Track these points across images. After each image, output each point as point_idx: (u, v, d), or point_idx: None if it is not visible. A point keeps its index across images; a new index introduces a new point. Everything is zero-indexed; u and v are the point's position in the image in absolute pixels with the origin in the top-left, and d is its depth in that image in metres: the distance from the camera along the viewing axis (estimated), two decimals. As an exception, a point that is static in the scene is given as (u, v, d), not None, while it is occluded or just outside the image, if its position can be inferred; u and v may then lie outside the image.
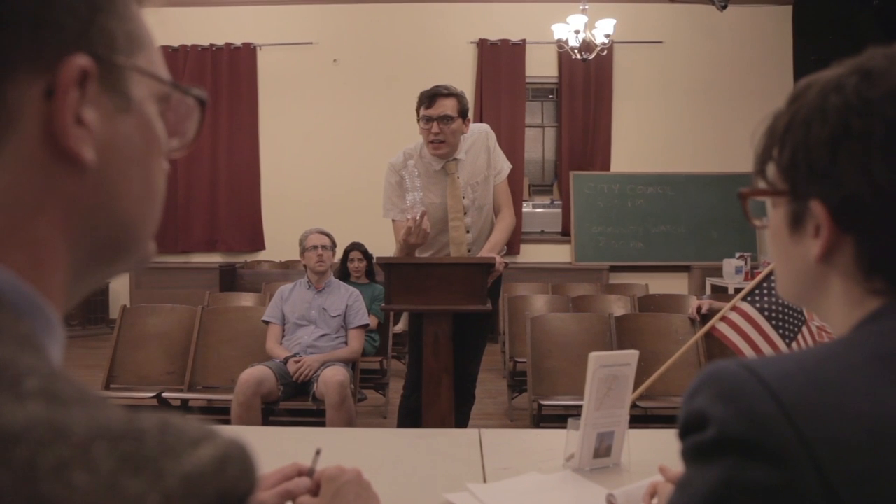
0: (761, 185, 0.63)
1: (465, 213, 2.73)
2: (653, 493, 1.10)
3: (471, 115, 2.82)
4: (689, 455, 0.53)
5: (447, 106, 2.64)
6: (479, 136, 2.79)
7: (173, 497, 0.32)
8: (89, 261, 0.44)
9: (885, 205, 0.53)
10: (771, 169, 0.62)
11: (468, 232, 2.76)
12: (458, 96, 2.68)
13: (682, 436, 0.53)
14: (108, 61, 0.42)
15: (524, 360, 3.68)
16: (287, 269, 7.17)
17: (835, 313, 0.60)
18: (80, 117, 0.40)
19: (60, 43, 0.39)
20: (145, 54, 0.45)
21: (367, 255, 4.67)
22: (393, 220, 2.77)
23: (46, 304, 0.40)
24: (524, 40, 7.82)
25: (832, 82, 0.57)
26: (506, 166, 2.88)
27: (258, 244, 7.97)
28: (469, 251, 2.74)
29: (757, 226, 0.67)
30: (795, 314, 2.69)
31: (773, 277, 2.73)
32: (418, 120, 2.69)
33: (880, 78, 0.55)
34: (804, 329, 2.66)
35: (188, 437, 0.34)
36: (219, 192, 7.90)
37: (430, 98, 2.65)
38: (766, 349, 2.65)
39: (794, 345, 2.64)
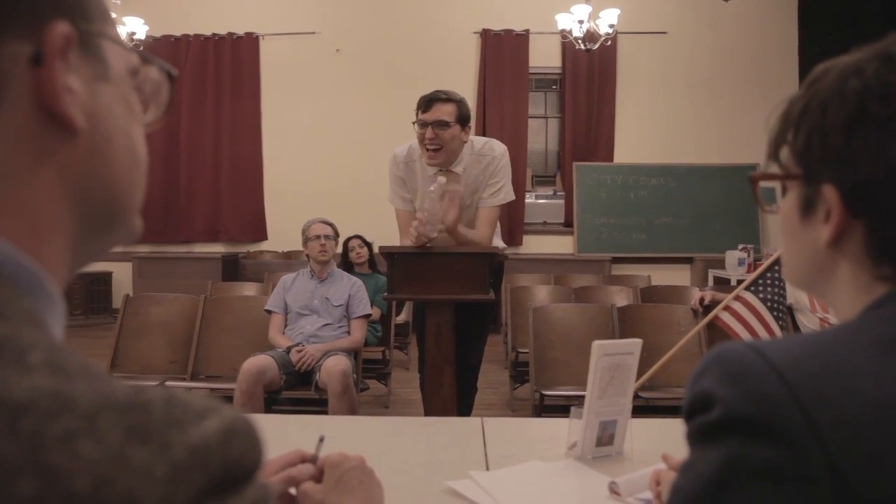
0: (774, 169, 0.63)
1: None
2: (657, 481, 1.10)
3: (474, 113, 2.73)
4: (695, 436, 0.53)
5: (444, 111, 2.53)
6: (489, 158, 2.65)
7: (180, 467, 0.32)
8: (86, 230, 0.44)
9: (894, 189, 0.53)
10: (784, 153, 0.62)
11: None
12: (459, 102, 2.57)
13: (688, 417, 0.53)
14: (84, 29, 0.42)
15: (526, 350, 3.68)
16: (290, 259, 7.18)
17: (842, 299, 0.60)
18: (67, 84, 0.40)
19: (40, 10, 0.39)
20: (112, 27, 0.46)
21: (366, 242, 4.67)
22: (396, 209, 2.76)
23: (47, 278, 0.40)
24: (528, 30, 7.78)
25: (852, 66, 0.57)
26: (502, 196, 2.69)
27: (261, 234, 7.98)
28: None
29: (767, 211, 0.67)
30: (783, 303, 2.71)
31: (776, 267, 2.73)
32: (414, 123, 2.59)
33: None
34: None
35: (194, 409, 0.34)
36: (221, 182, 7.90)
37: (426, 102, 2.55)
38: (764, 336, 2.66)
39: (784, 332, 2.66)
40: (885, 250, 0.55)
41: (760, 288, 2.72)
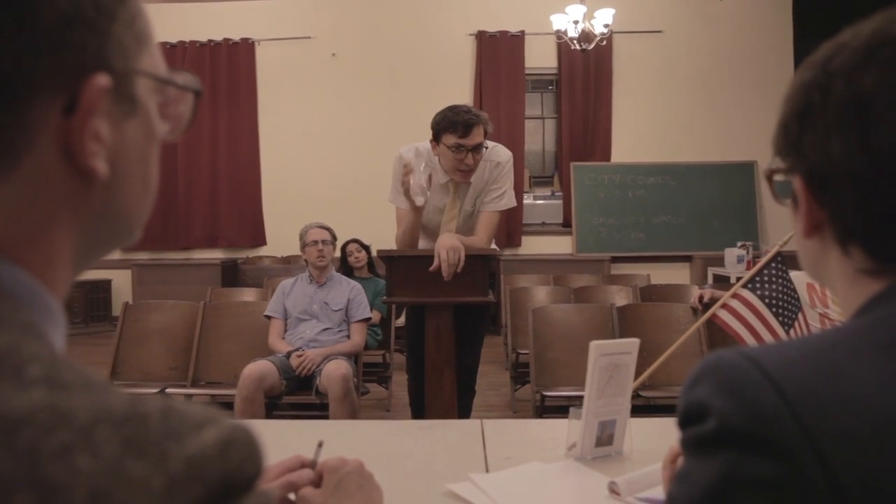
0: (777, 163, 0.64)
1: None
2: (673, 459, 1.07)
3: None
4: (690, 445, 0.51)
5: (480, 133, 2.49)
6: (494, 162, 2.62)
7: (177, 479, 0.32)
8: (90, 252, 0.45)
9: (841, 179, 0.54)
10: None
11: None
12: (485, 121, 2.54)
13: (682, 426, 0.52)
14: (121, 71, 0.42)
15: (526, 351, 3.69)
16: (288, 264, 7.18)
17: (839, 289, 0.59)
18: (96, 133, 0.40)
19: (81, 62, 0.39)
20: (148, 49, 0.45)
21: (364, 246, 4.67)
22: (397, 208, 2.76)
23: (47, 292, 0.40)
24: (523, 31, 7.80)
25: (813, 58, 0.58)
26: (505, 202, 2.68)
27: (259, 239, 7.98)
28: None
29: (782, 204, 0.68)
30: (793, 301, 2.69)
31: (773, 265, 2.72)
32: (437, 141, 2.53)
33: (841, 52, 0.55)
34: (799, 315, 2.67)
35: (191, 420, 0.34)
36: (219, 188, 7.91)
37: (466, 127, 2.47)
38: (767, 336, 2.64)
39: (791, 331, 2.64)
40: (846, 240, 0.55)
41: (758, 285, 2.71)
